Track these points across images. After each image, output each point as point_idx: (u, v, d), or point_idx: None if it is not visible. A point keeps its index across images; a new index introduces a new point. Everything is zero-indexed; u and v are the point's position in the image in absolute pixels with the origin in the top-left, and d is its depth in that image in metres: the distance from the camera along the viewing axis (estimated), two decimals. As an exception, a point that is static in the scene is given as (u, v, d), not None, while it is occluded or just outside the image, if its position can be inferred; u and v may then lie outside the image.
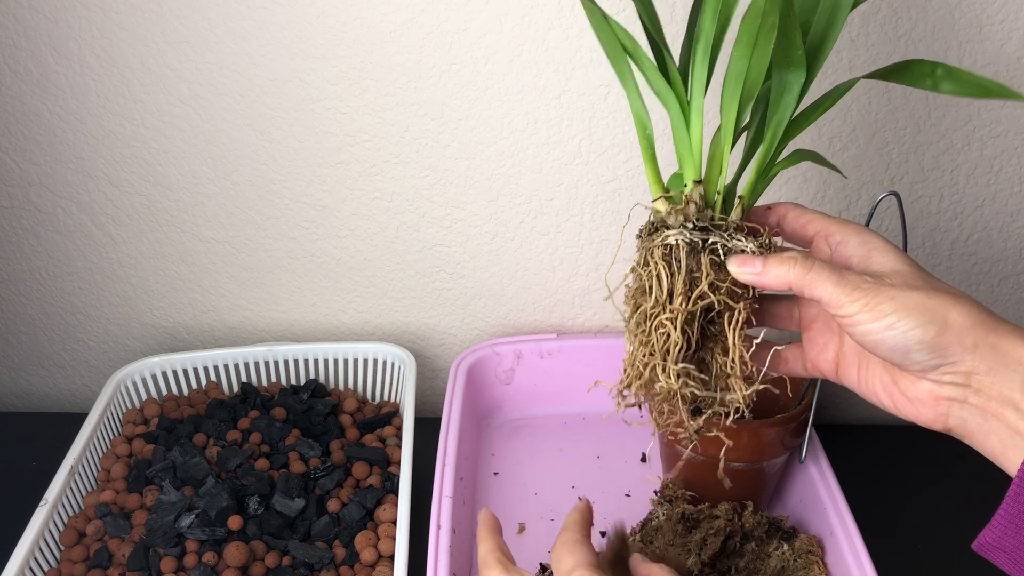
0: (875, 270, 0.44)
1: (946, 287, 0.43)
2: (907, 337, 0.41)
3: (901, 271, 0.43)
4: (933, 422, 0.44)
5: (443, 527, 0.59)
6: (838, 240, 0.47)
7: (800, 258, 0.44)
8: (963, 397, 0.42)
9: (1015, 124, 0.67)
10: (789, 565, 0.58)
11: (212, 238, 0.75)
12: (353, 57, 0.65)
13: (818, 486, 0.61)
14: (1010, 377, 0.40)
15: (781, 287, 0.44)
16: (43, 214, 0.75)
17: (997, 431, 0.41)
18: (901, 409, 0.45)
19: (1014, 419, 0.40)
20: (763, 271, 0.44)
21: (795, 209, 0.50)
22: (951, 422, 0.43)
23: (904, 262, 0.44)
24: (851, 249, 0.46)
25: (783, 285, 0.44)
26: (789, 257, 0.44)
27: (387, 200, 0.72)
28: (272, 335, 0.82)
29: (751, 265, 0.45)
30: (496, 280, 0.77)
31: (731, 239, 0.46)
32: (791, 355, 0.50)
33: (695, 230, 0.45)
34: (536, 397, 0.76)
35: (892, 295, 0.41)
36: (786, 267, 0.44)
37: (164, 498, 0.64)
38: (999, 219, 0.72)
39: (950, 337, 0.41)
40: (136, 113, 0.69)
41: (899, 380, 0.45)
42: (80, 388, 0.86)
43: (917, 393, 0.44)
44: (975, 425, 0.42)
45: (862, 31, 0.63)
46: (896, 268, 0.44)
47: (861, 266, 0.45)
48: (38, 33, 0.65)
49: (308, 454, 0.69)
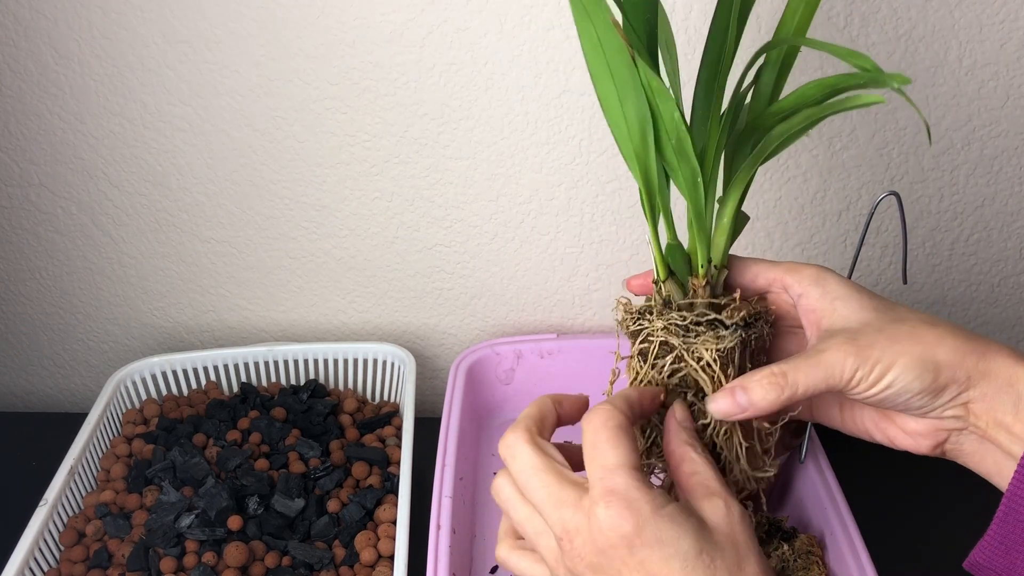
0: (843, 325, 0.42)
1: (922, 320, 0.42)
2: (907, 391, 0.41)
3: (871, 321, 0.42)
4: (930, 451, 0.44)
5: (443, 527, 0.59)
6: (798, 292, 0.45)
7: (779, 375, 0.41)
8: (962, 426, 0.42)
9: (1015, 124, 0.67)
10: (789, 565, 0.58)
11: (212, 238, 0.75)
12: (353, 57, 0.65)
13: (818, 486, 0.61)
14: (1002, 400, 0.40)
15: (775, 410, 0.42)
16: (43, 214, 0.75)
17: (991, 453, 0.42)
18: (897, 443, 0.45)
19: (1007, 442, 0.41)
20: (752, 405, 0.42)
21: (737, 261, 0.48)
22: (948, 447, 0.43)
23: (869, 308, 0.42)
24: (813, 302, 0.44)
25: (776, 408, 0.42)
26: (770, 382, 0.41)
27: (387, 200, 0.72)
28: (272, 335, 0.82)
29: (735, 405, 0.42)
30: (496, 280, 0.77)
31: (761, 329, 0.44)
32: None
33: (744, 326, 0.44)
34: (536, 397, 0.76)
35: (878, 356, 0.40)
36: (774, 393, 0.41)
37: (164, 498, 0.64)
38: (999, 219, 0.72)
39: (945, 376, 0.40)
40: (136, 113, 0.69)
41: (895, 418, 0.44)
42: (80, 388, 0.86)
43: (917, 428, 0.43)
44: (971, 449, 0.43)
45: (862, 31, 0.63)
46: (864, 318, 0.42)
47: (827, 321, 0.43)
48: (38, 33, 0.65)
49: (308, 454, 0.69)
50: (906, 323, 0.41)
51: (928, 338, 0.41)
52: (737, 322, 0.44)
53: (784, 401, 0.41)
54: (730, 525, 0.38)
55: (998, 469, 0.42)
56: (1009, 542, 0.40)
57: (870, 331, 0.41)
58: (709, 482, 0.39)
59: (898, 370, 0.40)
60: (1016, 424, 0.40)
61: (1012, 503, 0.39)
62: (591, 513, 0.37)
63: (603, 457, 0.38)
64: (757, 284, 0.47)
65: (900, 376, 0.40)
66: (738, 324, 0.44)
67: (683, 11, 0.62)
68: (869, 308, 0.42)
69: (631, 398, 0.42)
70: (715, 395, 0.43)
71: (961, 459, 0.43)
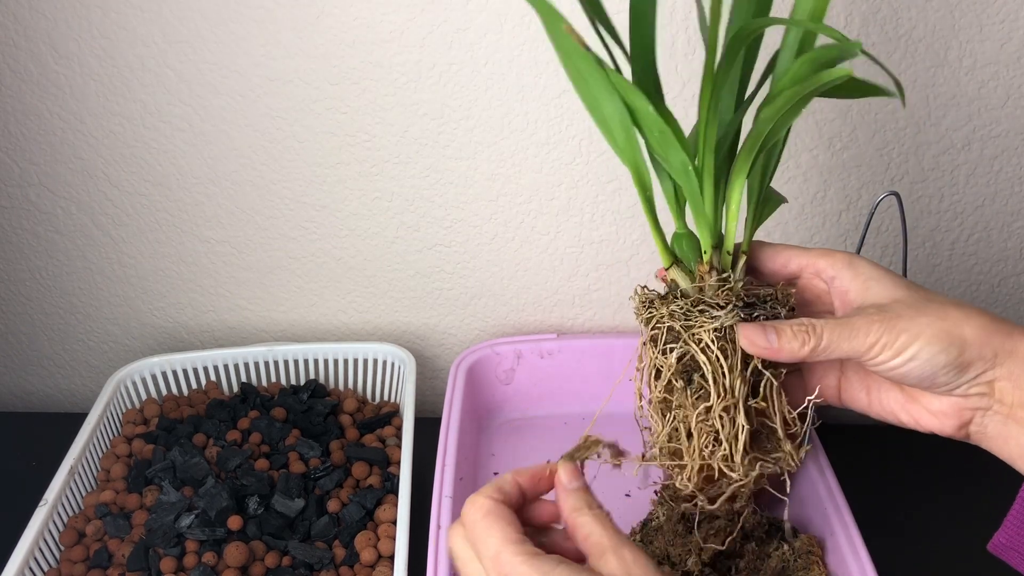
0: (875, 301, 0.43)
1: (950, 302, 0.43)
2: (932, 364, 0.41)
3: (901, 298, 0.43)
4: (955, 432, 0.44)
5: (443, 527, 0.59)
6: (831, 275, 0.46)
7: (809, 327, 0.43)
8: (988, 405, 0.42)
9: (1015, 124, 0.67)
10: (789, 565, 0.58)
11: (212, 238, 0.75)
12: (353, 57, 0.65)
13: (818, 486, 0.61)
14: None
15: (797, 359, 0.43)
16: (43, 214, 0.75)
17: (1016, 436, 0.42)
18: (923, 424, 0.45)
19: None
20: (779, 347, 0.43)
21: (767, 248, 0.49)
22: (972, 428, 0.43)
23: (901, 286, 0.44)
24: (846, 283, 0.45)
25: (799, 357, 0.43)
26: (799, 330, 0.43)
27: (387, 200, 0.72)
28: (272, 335, 0.82)
29: (764, 339, 0.43)
30: (496, 280, 0.77)
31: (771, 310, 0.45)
32: (790, 385, 0.50)
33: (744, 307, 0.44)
34: (536, 397, 0.76)
35: (905, 327, 0.41)
36: (799, 340, 0.43)
37: (164, 498, 0.64)
38: (999, 219, 0.72)
39: (971, 353, 0.41)
40: (136, 113, 0.69)
41: (920, 398, 0.45)
42: (80, 388, 0.86)
43: (942, 407, 0.44)
44: (995, 431, 0.43)
45: (862, 31, 0.63)
46: (896, 296, 0.43)
47: (859, 299, 0.44)
48: (38, 33, 0.65)
49: (308, 454, 0.69)
50: (935, 302, 0.43)
51: (956, 315, 0.42)
52: (732, 302, 0.44)
53: (808, 351, 0.42)
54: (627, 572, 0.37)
55: (1021, 453, 0.42)
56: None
57: (900, 306, 0.42)
58: (601, 539, 0.39)
59: (923, 341, 0.41)
60: None
61: None
62: None
63: (484, 547, 0.38)
64: (789, 269, 0.48)
65: (925, 348, 0.41)
66: (735, 304, 0.44)
67: (683, 11, 0.62)
68: (901, 287, 0.44)
69: (501, 482, 0.42)
70: (747, 325, 0.44)
71: (985, 443, 0.44)
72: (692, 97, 0.65)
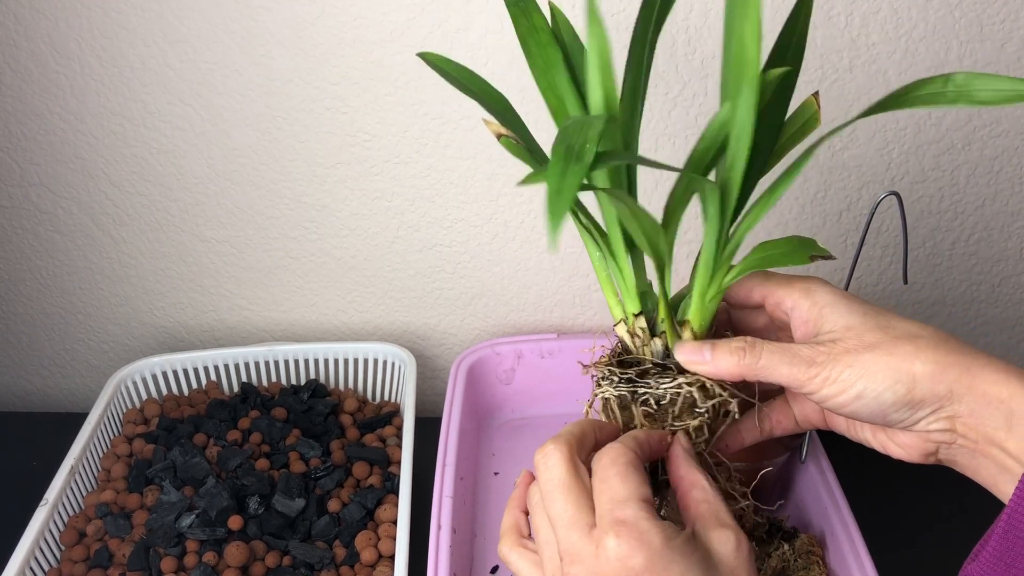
0: (828, 330, 0.42)
1: (905, 330, 0.41)
2: (879, 402, 0.40)
3: (854, 326, 0.41)
4: (924, 461, 0.43)
5: (443, 527, 0.59)
6: (790, 306, 0.44)
7: (748, 346, 0.42)
8: (951, 439, 0.41)
9: (1016, 124, 0.67)
10: (790, 565, 0.58)
11: (212, 238, 0.75)
12: (353, 57, 0.65)
13: (819, 486, 0.61)
14: (992, 415, 0.39)
15: (733, 377, 0.42)
16: (43, 214, 0.75)
17: (986, 466, 0.41)
18: (891, 452, 0.44)
19: (1001, 457, 0.40)
20: (712, 360, 0.42)
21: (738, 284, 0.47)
22: (941, 457, 0.43)
23: (857, 313, 0.42)
24: (804, 313, 0.44)
25: (734, 374, 0.42)
26: (737, 347, 0.42)
27: (387, 200, 0.72)
28: (272, 335, 0.82)
29: (699, 355, 0.43)
30: (496, 280, 0.77)
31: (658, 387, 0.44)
32: (778, 415, 0.49)
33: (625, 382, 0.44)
34: (536, 397, 0.76)
35: (850, 362, 0.40)
36: (735, 357, 0.42)
37: (164, 498, 0.64)
38: (1000, 219, 0.72)
39: (922, 390, 0.39)
40: (136, 113, 0.69)
41: (885, 429, 0.44)
42: (80, 388, 0.86)
43: (906, 439, 0.43)
44: (964, 461, 0.42)
45: (862, 31, 0.63)
46: (848, 323, 0.42)
47: (815, 328, 0.43)
48: (38, 33, 0.65)
49: (308, 454, 0.69)
50: (889, 332, 0.41)
51: (906, 349, 0.40)
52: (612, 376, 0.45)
53: (742, 368, 0.42)
54: (738, 559, 0.37)
55: (994, 482, 0.41)
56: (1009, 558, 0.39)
57: (850, 336, 0.41)
58: (720, 513, 0.39)
59: (868, 379, 0.40)
60: (1009, 440, 0.39)
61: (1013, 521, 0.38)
62: (600, 543, 0.37)
63: (613, 491, 0.38)
64: (753, 299, 0.47)
65: (870, 385, 0.40)
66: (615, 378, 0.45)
67: (683, 11, 0.62)
68: (857, 312, 0.42)
69: (639, 437, 0.42)
70: (684, 343, 0.44)
71: (957, 468, 0.43)
72: (693, 96, 0.65)
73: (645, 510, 0.37)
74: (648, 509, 0.37)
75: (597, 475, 0.39)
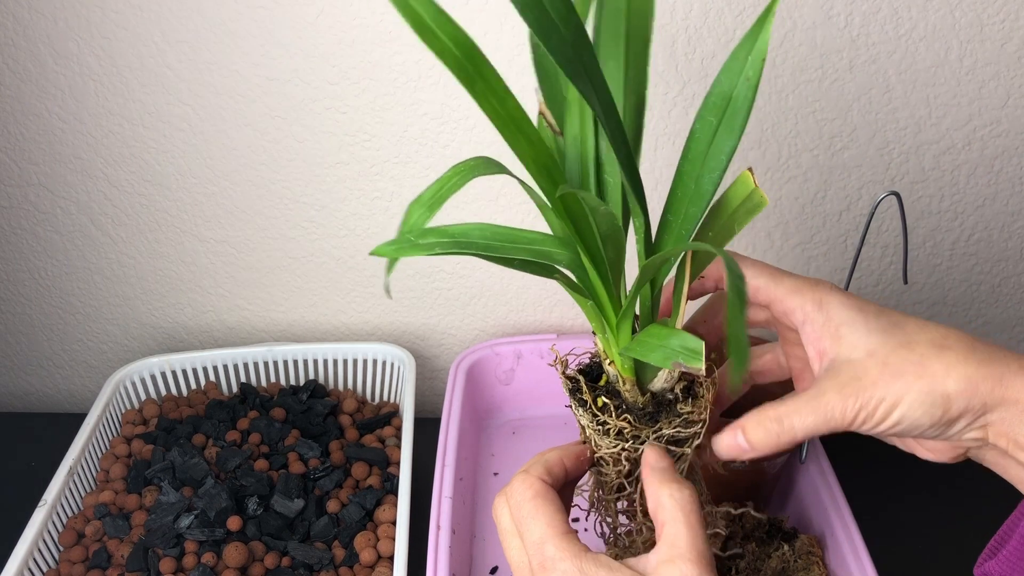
0: (847, 357, 0.40)
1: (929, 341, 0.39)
2: (917, 425, 0.39)
3: (875, 350, 0.40)
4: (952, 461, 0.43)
5: (443, 527, 0.59)
6: (800, 319, 0.42)
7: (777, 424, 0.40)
8: (982, 444, 0.41)
9: (1016, 124, 0.67)
10: (790, 565, 0.58)
11: (211, 238, 0.75)
12: (353, 57, 0.65)
13: (819, 486, 0.61)
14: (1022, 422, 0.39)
15: (772, 452, 0.41)
16: (42, 214, 0.75)
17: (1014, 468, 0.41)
18: (920, 454, 0.44)
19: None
20: (753, 449, 0.41)
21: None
22: (970, 456, 0.43)
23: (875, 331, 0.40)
24: (817, 329, 0.41)
25: (774, 451, 0.41)
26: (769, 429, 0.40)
27: (387, 200, 0.72)
28: (271, 335, 0.81)
29: (738, 450, 0.41)
30: (496, 280, 0.77)
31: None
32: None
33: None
34: (536, 397, 0.76)
35: (882, 395, 0.39)
36: (772, 440, 0.40)
37: (163, 499, 0.64)
38: (1000, 219, 0.72)
39: (958, 407, 0.39)
40: (135, 113, 0.69)
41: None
42: (79, 388, 0.86)
43: (936, 446, 0.43)
44: (993, 460, 0.42)
45: (862, 31, 0.63)
46: (869, 347, 0.40)
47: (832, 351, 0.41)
48: (37, 33, 0.65)
49: (307, 454, 0.69)
50: (914, 349, 0.39)
51: (936, 368, 0.39)
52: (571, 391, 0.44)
53: (783, 445, 0.40)
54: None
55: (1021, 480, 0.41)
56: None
57: (874, 365, 0.39)
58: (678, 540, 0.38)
59: (904, 407, 0.39)
60: None
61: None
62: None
63: (528, 532, 0.39)
64: (757, 299, 0.45)
65: (907, 413, 0.39)
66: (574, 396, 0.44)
67: (683, 11, 0.62)
68: (876, 331, 0.40)
69: (550, 460, 0.42)
70: (720, 435, 0.42)
71: (985, 464, 0.42)
72: (693, 96, 0.65)
73: (562, 547, 0.38)
74: (565, 544, 0.38)
75: (513, 515, 0.40)
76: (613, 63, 0.40)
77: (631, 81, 0.41)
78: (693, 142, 0.41)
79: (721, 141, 0.40)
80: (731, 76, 0.40)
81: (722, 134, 0.40)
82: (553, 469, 0.41)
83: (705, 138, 0.41)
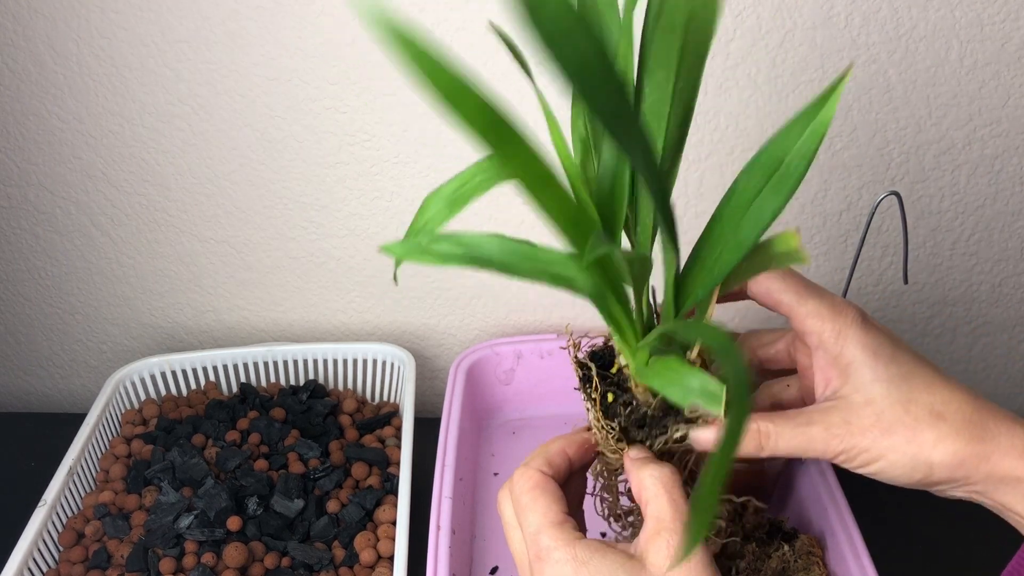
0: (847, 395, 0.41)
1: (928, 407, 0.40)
2: (895, 479, 0.40)
3: (875, 400, 0.40)
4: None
5: (443, 528, 0.59)
6: (815, 344, 0.42)
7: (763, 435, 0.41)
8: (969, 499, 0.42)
9: (1016, 124, 0.67)
10: (790, 566, 0.58)
11: (211, 238, 0.75)
12: (353, 56, 0.65)
13: (819, 486, 0.61)
14: (1011, 493, 0.39)
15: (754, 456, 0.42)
16: (42, 214, 0.75)
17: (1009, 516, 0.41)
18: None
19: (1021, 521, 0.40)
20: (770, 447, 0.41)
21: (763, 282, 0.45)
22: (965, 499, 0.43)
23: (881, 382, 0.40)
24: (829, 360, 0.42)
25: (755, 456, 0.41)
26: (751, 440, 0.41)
27: (387, 200, 0.72)
28: (271, 335, 0.81)
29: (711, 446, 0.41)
30: (496, 280, 0.77)
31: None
32: None
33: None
34: (536, 397, 0.76)
35: (867, 445, 0.39)
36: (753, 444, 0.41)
37: (163, 499, 0.64)
38: (1000, 219, 0.72)
39: (940, 475, 0.39)
40: (135, 113, 0.69)
41: None
42: (79, 389, 0.86)
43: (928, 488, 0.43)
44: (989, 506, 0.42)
45: (863, 31, 0.63)
46: (869, 396, 0.40)
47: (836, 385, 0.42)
48: (36, 33, 0.65)
49: (307, 455, 0.69)
50: (911, 411, 0.39)
51: (926, 437, 0.39)
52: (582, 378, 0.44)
53: (763, 456, 0.41)
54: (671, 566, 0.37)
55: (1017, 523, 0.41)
56: None
57: (869, 415, 0.40)
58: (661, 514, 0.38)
59: (885, 463, 0.40)
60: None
61: None
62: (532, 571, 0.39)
63: (526, 522, 0.39)
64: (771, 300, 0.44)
65: (886, 469, 0.40)
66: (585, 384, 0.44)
67: (683, 10, 0.62)
68: (882, 381, 0.40)
69: (550, 451, 0.42)
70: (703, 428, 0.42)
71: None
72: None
73: (556, 537, 0.38)
74: (558, 534, 0.38)
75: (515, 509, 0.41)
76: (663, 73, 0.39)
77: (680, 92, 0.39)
78: (735, 194, 0.40)
79: (766, 199, 0.39)
80: (785, 144, 0.39)
81: (767, 194, 0.39)
82: (554, 460, 0.42)
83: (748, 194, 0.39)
